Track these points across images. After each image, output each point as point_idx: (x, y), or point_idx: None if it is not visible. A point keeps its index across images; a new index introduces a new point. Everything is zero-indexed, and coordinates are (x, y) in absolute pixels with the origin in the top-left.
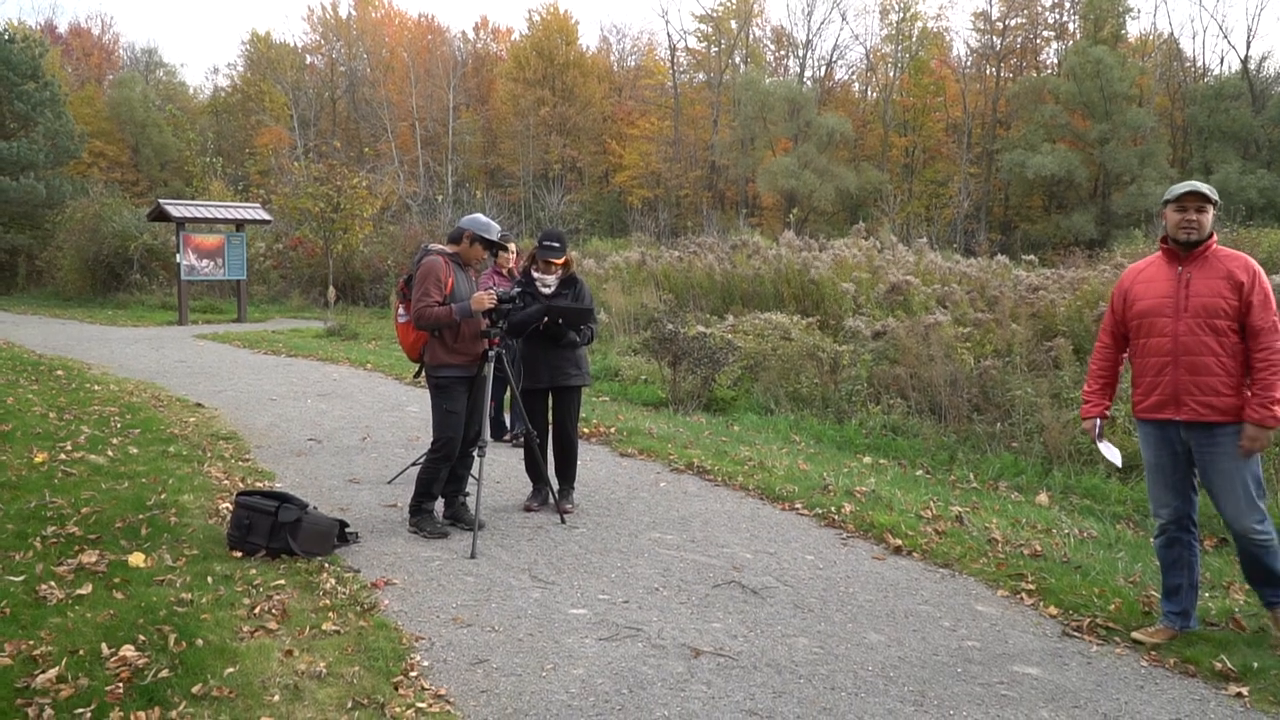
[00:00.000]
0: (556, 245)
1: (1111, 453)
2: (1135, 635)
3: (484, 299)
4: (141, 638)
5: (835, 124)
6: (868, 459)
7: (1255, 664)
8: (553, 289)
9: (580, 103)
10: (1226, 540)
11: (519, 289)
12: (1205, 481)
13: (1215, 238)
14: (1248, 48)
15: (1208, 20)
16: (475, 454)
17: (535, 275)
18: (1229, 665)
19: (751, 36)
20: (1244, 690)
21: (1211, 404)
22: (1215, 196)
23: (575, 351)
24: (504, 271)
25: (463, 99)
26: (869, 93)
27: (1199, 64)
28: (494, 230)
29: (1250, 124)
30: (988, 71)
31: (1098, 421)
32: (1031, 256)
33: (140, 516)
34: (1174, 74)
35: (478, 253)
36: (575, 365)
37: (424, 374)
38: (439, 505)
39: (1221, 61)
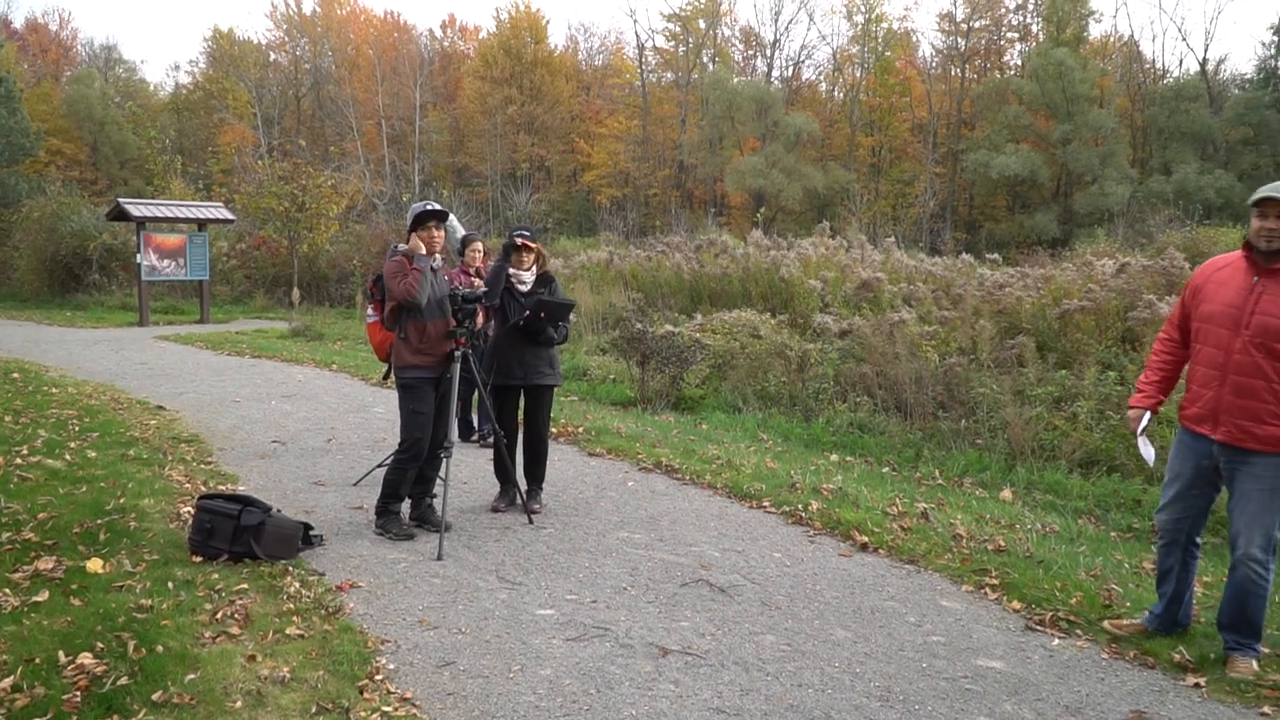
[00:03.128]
0: (528, 231)
1: (1148, 450)
2: (1104, 624)
3: (418, 244)
4: (100, 645)
5: (802, 124)
6: (835, 456)
7: (1212, 655)
8: (529, 286)
9: (548, 101)
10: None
11: (495, 281)
12: (1229, 499)
13: None
14: (1206, 50)
15: (1167, 23)
16: (442, 455)
17: (511, 272)
18: (1187, 657)
19: (719, 36)
20: (1201, 681)
21: (1251, 431)
22: None
23: (549, 350)
24: (471, 270)
25: (430, 97)
26: (836, 93)
27: (1158, 66)
28: (414, 210)
29: (1208, 125)
30: (952, 72)
31: (1146, 414)
32: (996, 255)
33: (99, 521)
34: (1134, 76)
35: (430, 236)
36: (549, 364)
37: (392, 374)
38: (405, 507)
39: (1180, 64)
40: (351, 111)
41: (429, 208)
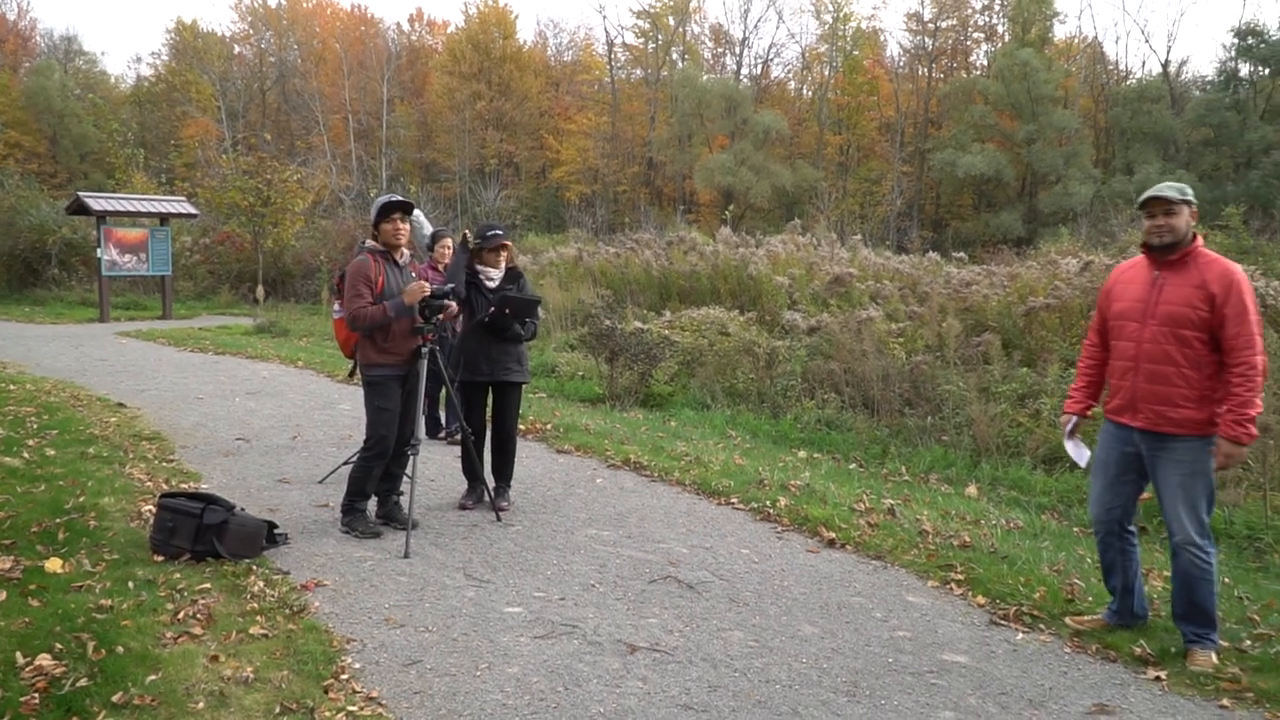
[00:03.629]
0: (499, 230)
1: (1078, 452)
2: (1067, 620)
3: (417, 290)
4: (59, 646)
5: (771, 122)
6: (802, 453)
7: (1173, 649)
8: (497, 283)
9: (517, 97)
10: (1146, 529)
11: (449, 285)
12: (1155, 488)
13: (1199, 241)
14: (1168, 52)
15: (1130, 25)
16: (409, 452)
17: (479, 269)
18: (1148, 650)
19: (689, 33)
20: (1162, 674)
21: (1166, 415)
22: (1182, 196)
23: (517, 347)
24: (440, 267)
25: (397, 92)
26: (804, 91)
27: (1122, 67)
28: (378, 203)
29: (1170, 126)
30: (920, 72)
31: (1073, 419)
32: (962, 253)
33: (57, 520)
34: (1098, 77)
35: (394, 228)
36: (517, 361)
37: (357, 371)
38: (372, 504)
39: (1143, 65)
40: (317, 105)
41: (394, 199)
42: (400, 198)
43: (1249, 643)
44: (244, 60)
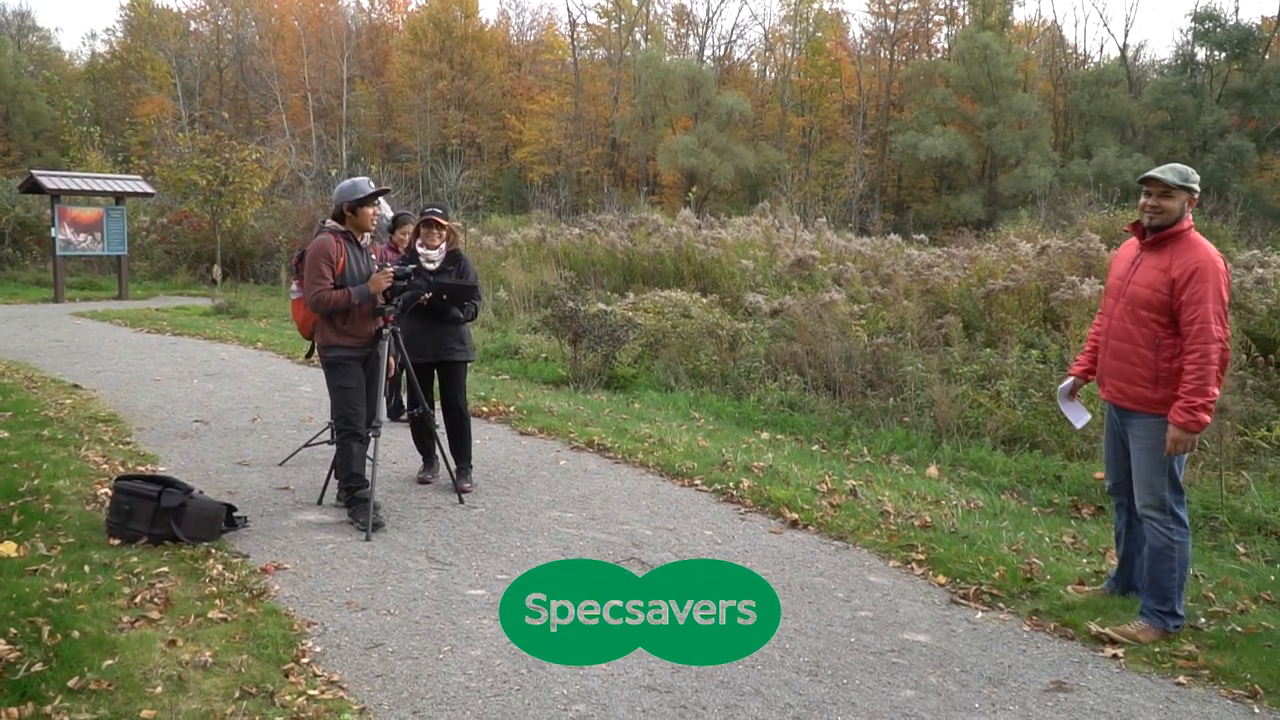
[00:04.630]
0: (439, 209)
1: (1074, 413)
2: (1068, 589)
3: (382, 280)
4: (13, 630)
5: (734, 103)
6: (765, 435)
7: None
8: (437, 264)
9: (479, 77)
10: (1104, 509)
11: (410, 266)
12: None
13: (1187, 224)
14: (1126, 36)
15: (1089, 9)
16: (370, 435)
17: (420, 250)
18: (1104, 629)
19: (652, 13)
20: (1119, 652)
21: (1125, 391)
22: (1181, 182)
23: (459, 328)
24: (401, 249)
25: (357, 71)
26: (767, 73)
27: (1080, 51)
28: (361, 185)
29: (1128, 109)
30: (882, 54)
31: (1070, 380)
32: (922, 236)
33: (12, 504)
34: (1057, 60)
35: (365, 219)
36: (459, 340)
37: (316, 353)
38: (333, 488)
39: (1101, 49)
40: (276, 84)
41: (372, 185)
42: (399, 212)
43: (1204, 620)
44: (201, 37)
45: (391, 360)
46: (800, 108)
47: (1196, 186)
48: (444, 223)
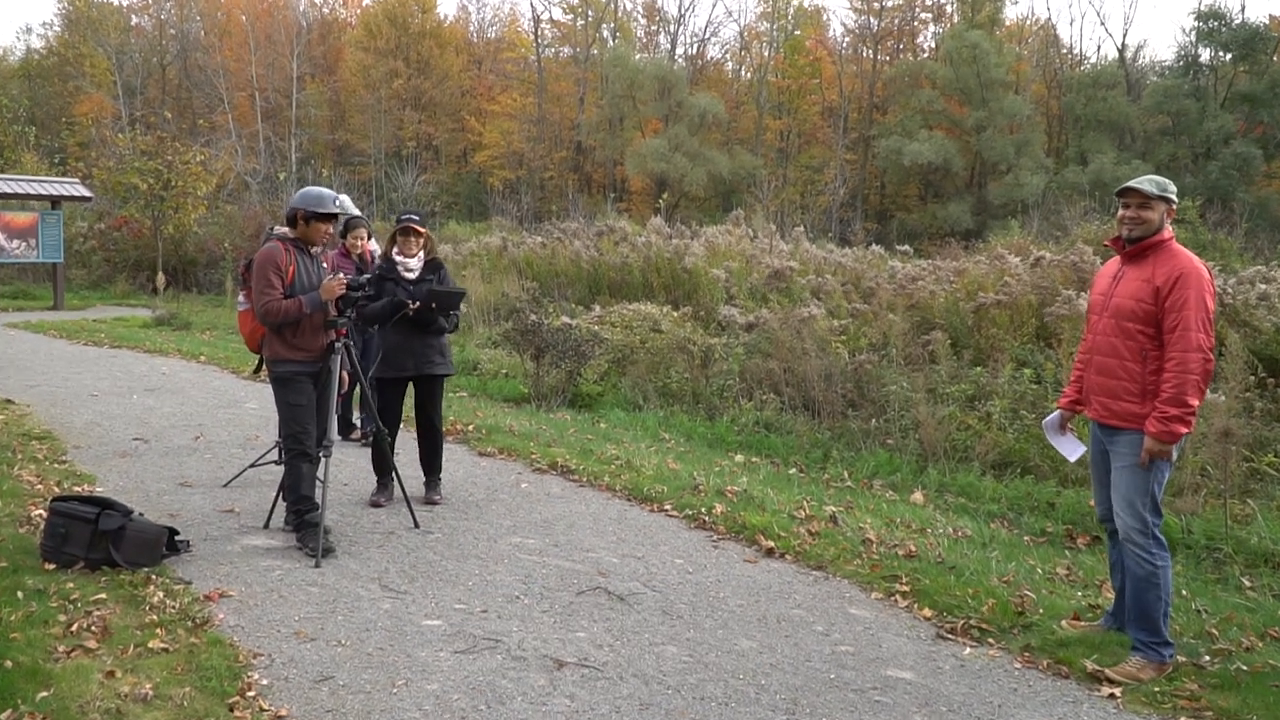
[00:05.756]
0: (417, 216)
1: (1067, 446)
2: (1062, 624)
3: (334, 286)
4: None
5: (708, 105)
6: (740, 457)
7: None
8: (416, 273)
9: (436, 75)
10: (1100, 539)
11: (379, 273)
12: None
13: (1167, 235)
14: (1125, 36)
15: (1086, 7)
16: (321, 454)
17: (397, 259)
18: (1101, 666)
19: (620, 9)
20: (1116, 691)
21: (1110, 408)
22: (1159, 192)
23: (440, 339)
24: (353, 256)
25: (308, 68)
26: (743, 72)
27: (1076, 51)
28: (327, 200)
29: (1126, 113)
30: (865, 54)
31: (1056, 414)
32: (906, 247)
33: None
34: (1051, 61)
35: (319, 232)
36: (440, 353)
37: (264, 367)
38: (280, 511)
39: (1098, 49)
40: (222, 82)
41: (339, 203)
42: (352, 216)
43: (1207, 658)
44: (142, 32)
45: (344, 375)
46: (778, 110)
47: (1175, 197)
48: (422, 230)
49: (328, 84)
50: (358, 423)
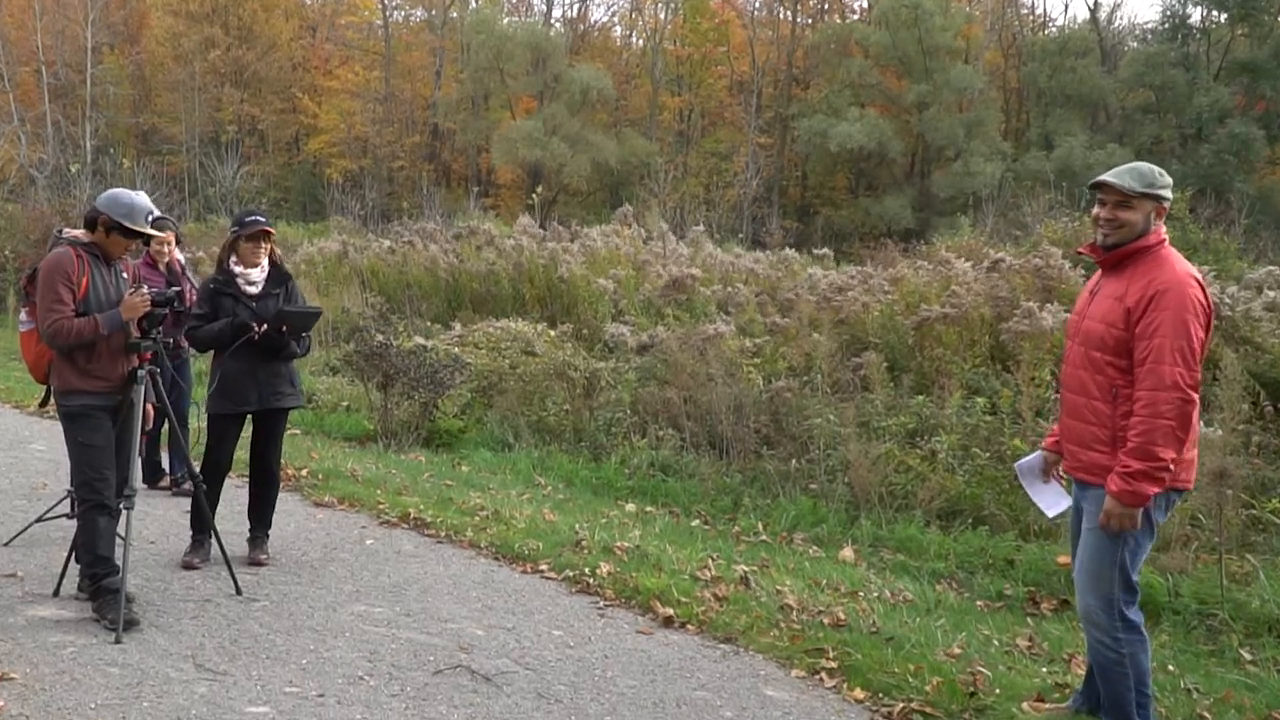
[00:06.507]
0: (264, 217)
1: (1047, 498)
2: (1023, 706)
3: (137, 302)
4: None
5: (591, 79)
6: (631, 506)
7: None
8: (260, 287)
9: (262, 45)
10: (1069, 603)
11: (213, 288)
12: None
13: (1154, 239)
14: None
15: None
16: (122, 507)
17: (236, 270)
18: None
19: None
20: None
21: (1079, 457)
22: (1143, 188)
23: (288, 366)
24: (160, 265)
25: (106, 37)
26: (634, 39)
27: (1039, 11)
28: (139, 215)
29: (1100, 87)
30: (782, 16)
31: (1036, 455)
32: (826, 250)
33: None
34: (1009, 23)
35: (120, 247)
36: (290, 382)
37: (53, 400)
38: (73, 574)
39: (1066, 9)
40: (1, 55)
41: (158, 215)
42: (155, 216)
43: None
44: None
45: (149, 409)
46: (676, 84)
47: (1165, 193)
48: (272, 233)
49: (130, 56)
50: (166, 467)
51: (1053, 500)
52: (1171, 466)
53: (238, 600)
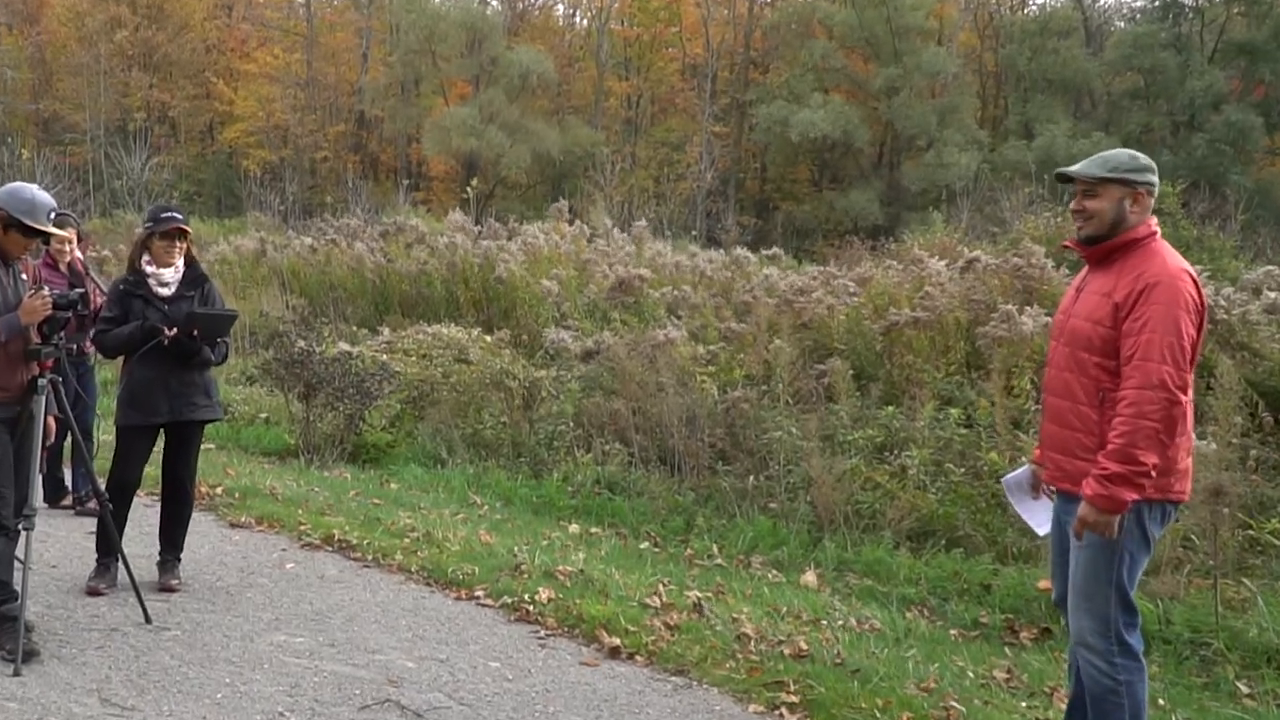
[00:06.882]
0: (181, 214)
1: (1034, 514)
2: None
3: (37, 305)
4: None
5: (532, 62)
6: (575, 527)
7: None
8: (173, 289)
9: (173, 26)
10: (1051, 631)
11: (123, 289)
12: None
13: (1143, 231)
14: None
15: None
16: (21, 528)
17: (147, 270)
18: None
19: None
20: None
21: (1063, 467)
22: (1104, 173)
23: (204, 374)
24: (61, 265)
25: (3, 17)
26: (578, 19)
27: None
28: (40, 211)
29: (1084, 70)
30: None
31: (1025, 469)
32: (777, 249)
33: None
34: (985, 2)
35: (18, 246)
36: (205, 393)
37: None
38: None
39: None
40: None
41: (59, 211)
42: (56, 212)
43: None
44: None
45: (50, 421)
46: (624, 68)
47: (1138, 176)
48: (189, 232)
49: (29, 37)
50: (70, 484)
51: (1044, 518)
52: (1153, 473)
53: (147, 629)
